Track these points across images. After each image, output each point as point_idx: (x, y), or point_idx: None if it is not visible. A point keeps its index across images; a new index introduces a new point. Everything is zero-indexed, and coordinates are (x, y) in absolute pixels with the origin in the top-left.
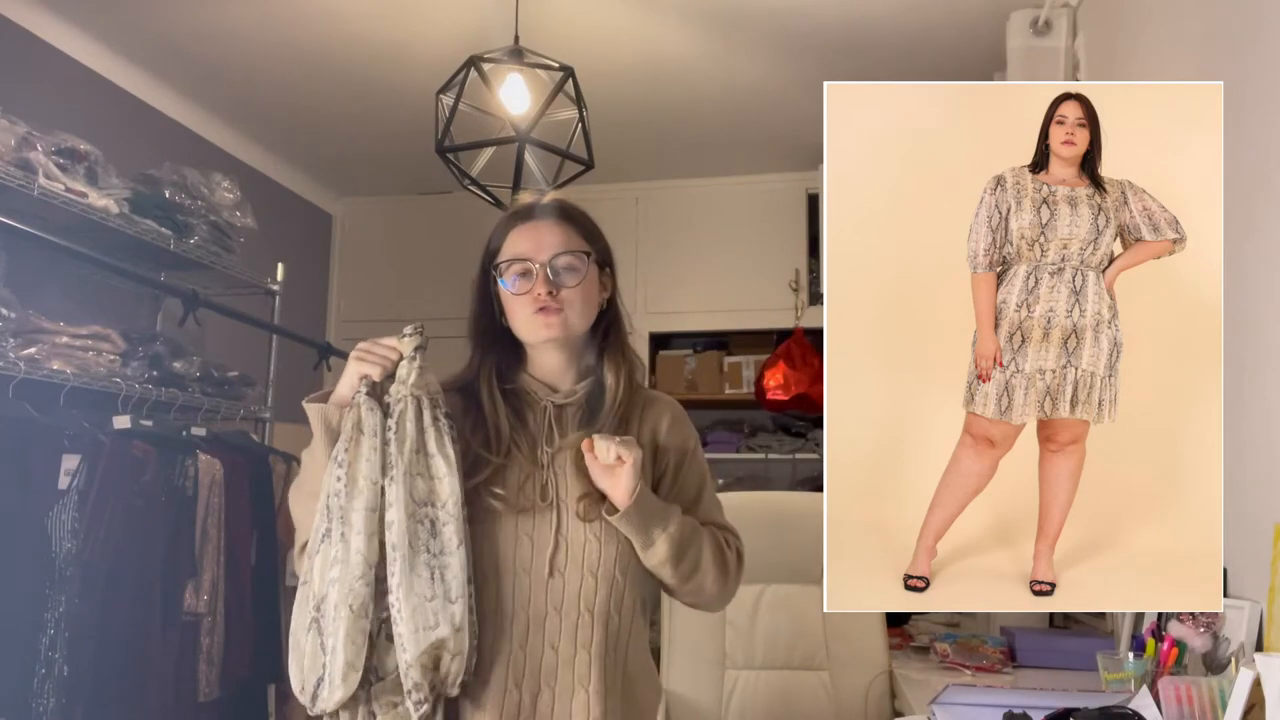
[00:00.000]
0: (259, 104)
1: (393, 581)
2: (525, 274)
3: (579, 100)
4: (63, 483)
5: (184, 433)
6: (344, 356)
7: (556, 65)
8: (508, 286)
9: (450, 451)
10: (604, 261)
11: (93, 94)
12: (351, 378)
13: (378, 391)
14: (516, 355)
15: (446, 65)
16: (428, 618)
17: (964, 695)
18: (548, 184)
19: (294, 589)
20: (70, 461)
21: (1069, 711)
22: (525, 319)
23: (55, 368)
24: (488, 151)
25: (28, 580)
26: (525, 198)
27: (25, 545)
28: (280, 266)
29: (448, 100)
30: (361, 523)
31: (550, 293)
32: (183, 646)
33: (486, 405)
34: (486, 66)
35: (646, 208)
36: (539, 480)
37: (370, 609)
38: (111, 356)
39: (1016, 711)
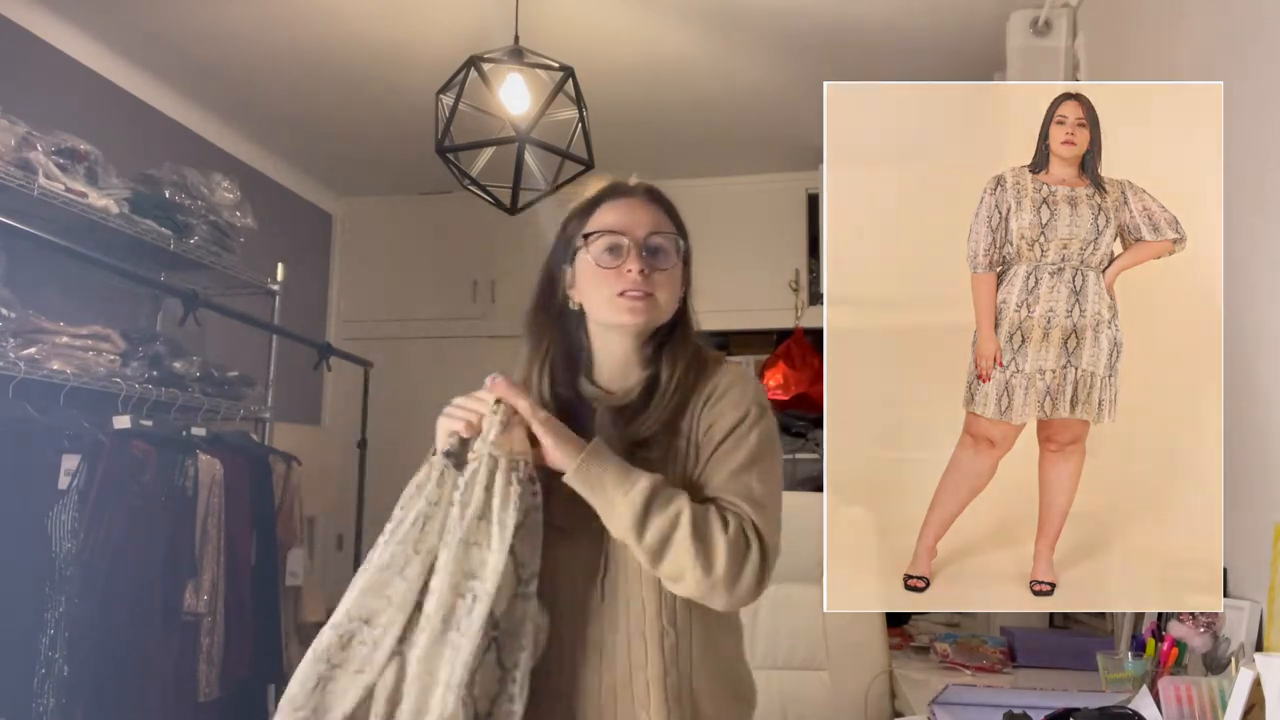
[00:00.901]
0: (259, 104)
1: (412, 654)
2: (615, 249)
3: (579, 100)
4: (63, 483)
5: (184, 433)
6: (344, 356)
7: (556, 65)
8: (594, 260)
9: (510, 519)
10: (687, 257)
11: (93, 94)
12: (440, 439)
13: (463, 452)
14: (576, 350)
15: (446, 65)
16: (430, 702)
17: (964, 695)
18: (548, 184)
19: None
20: (70, 461)
21: (1069, 711)
22: (606, 299)
23: (55, 368)
24: (488, 151)
25: (28, 580)
26: (611, 178)
27: (25, 545)
28: (280, 266)
29: (448, 100)
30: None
31: (642, 271)
32: (183, 646)
33: None
34: (486, 66)
35: None
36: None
37: (331, 656)
38: (111, 356)
39: (1016, 711)
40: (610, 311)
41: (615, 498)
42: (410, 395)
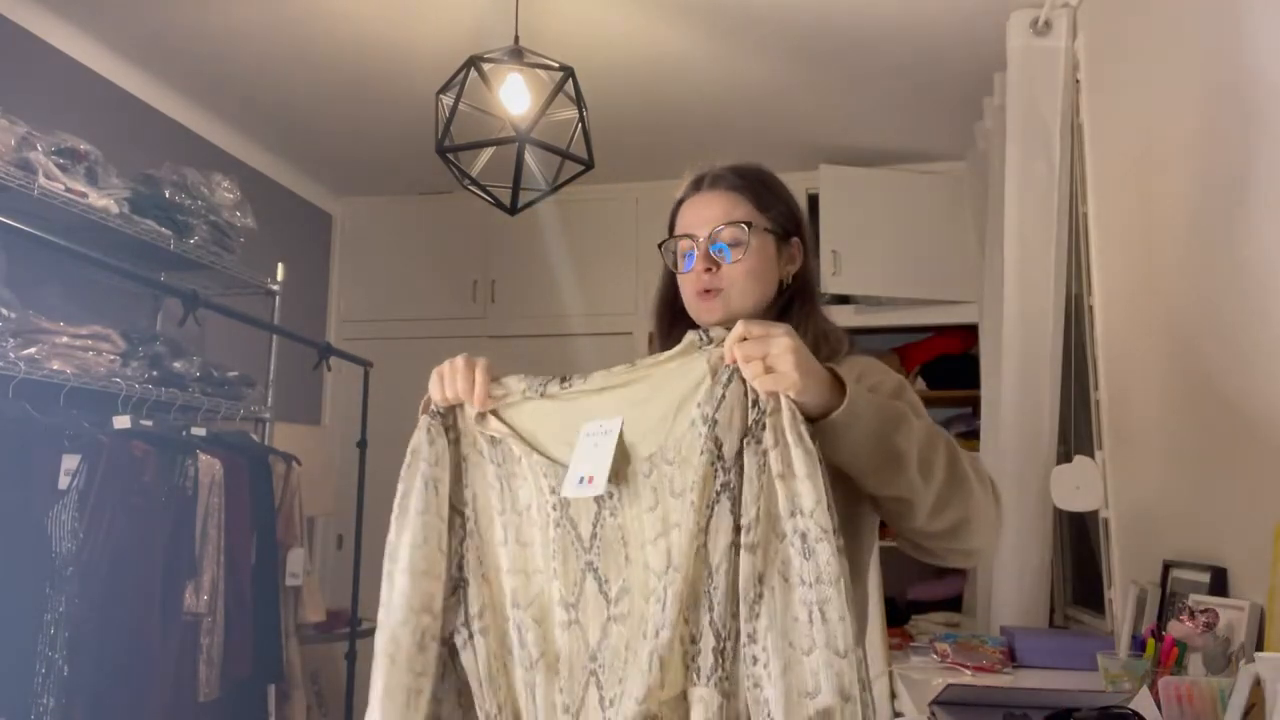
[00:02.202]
0: (259, 104)
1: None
2: (687, 252)
3: (579, 100)
4: (63, 483)
5: (184, 433)
6: (344, 356)
7: (556, 65)
8: (671, 266)
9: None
10: (785, 229)
11: (93, 94)
12: (434, 395)
13: (449, 415)
14: None
15: (446, 65)
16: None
17: (964, 695)
18: (548, 184)
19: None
20: (70, 461)
21: (1069, 711)
22: (690, 300)
23: (55, 368)
24: (488, 151)
25: (28, 580)
26: (694, 172)
27: (25, 545)
28: (280, 266)
29: (448, 100)
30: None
31: (708, 269)
32: (183, 646)
33: None
34: (486, 67)
35: (646, 208)
36: None
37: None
38: (111, 356)
39: (1016, 712)
40: (693, 311)
41: (897, 424)
42: (410, 395)
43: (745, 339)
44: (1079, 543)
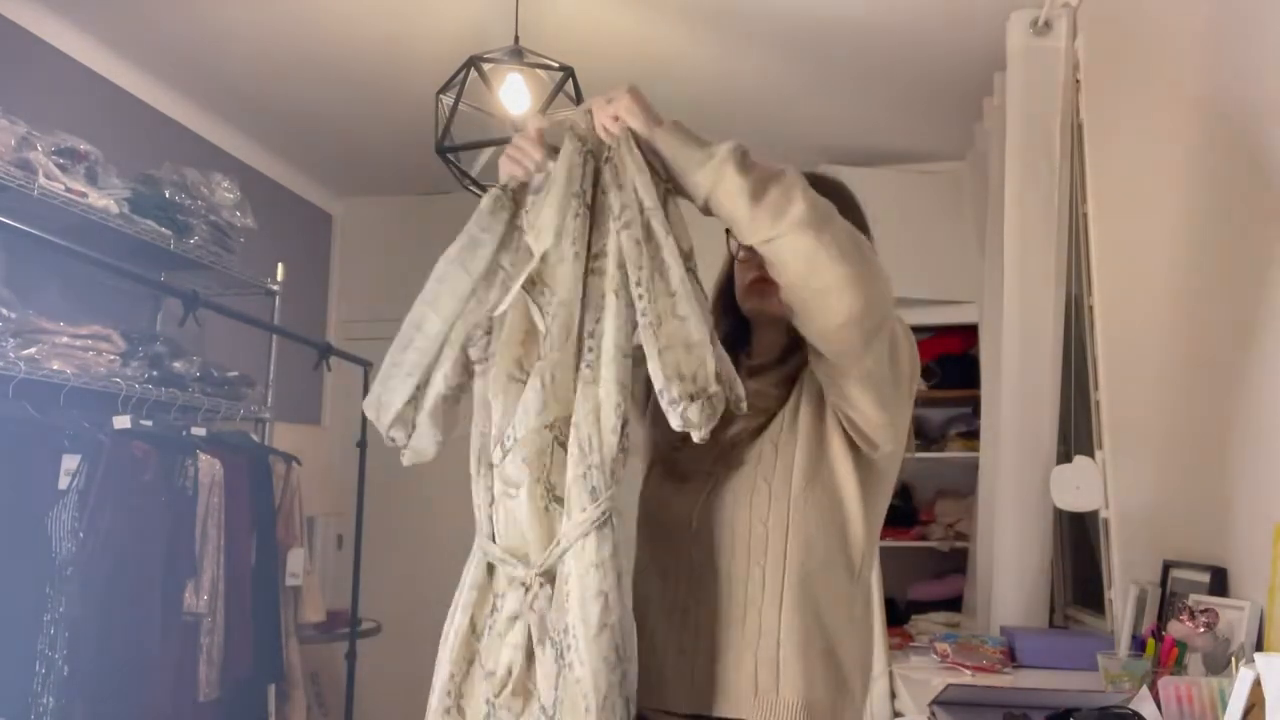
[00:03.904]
0: (259, 104)
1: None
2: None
3: (579, 100)
4: (63, 483)
5: (184, 433)
6: (344, 356)
7: (556, 65)
8: (732, 252)
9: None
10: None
11: (93, 94)
12: (502, 176)
13: (522, 192)
14: (737, 336)
15: (446, 65)
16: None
17: (964, 695)
18: None
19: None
20: (70, 461)
21: (1069, 711)
22: (742, 288)
23: (55, 368)
24: (488, 151)
25: (28, 580)
26: None
27: (25, 545)
28: (280, 266)
29: (448, 100)
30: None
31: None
32: (183, 646)
33: None
34: (486, 66)
35: None
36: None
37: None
38: (111, 356)
39: (1016, 712)
40: (743, 298)
41: (712, 148)
42: None
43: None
44: (1079, 543)
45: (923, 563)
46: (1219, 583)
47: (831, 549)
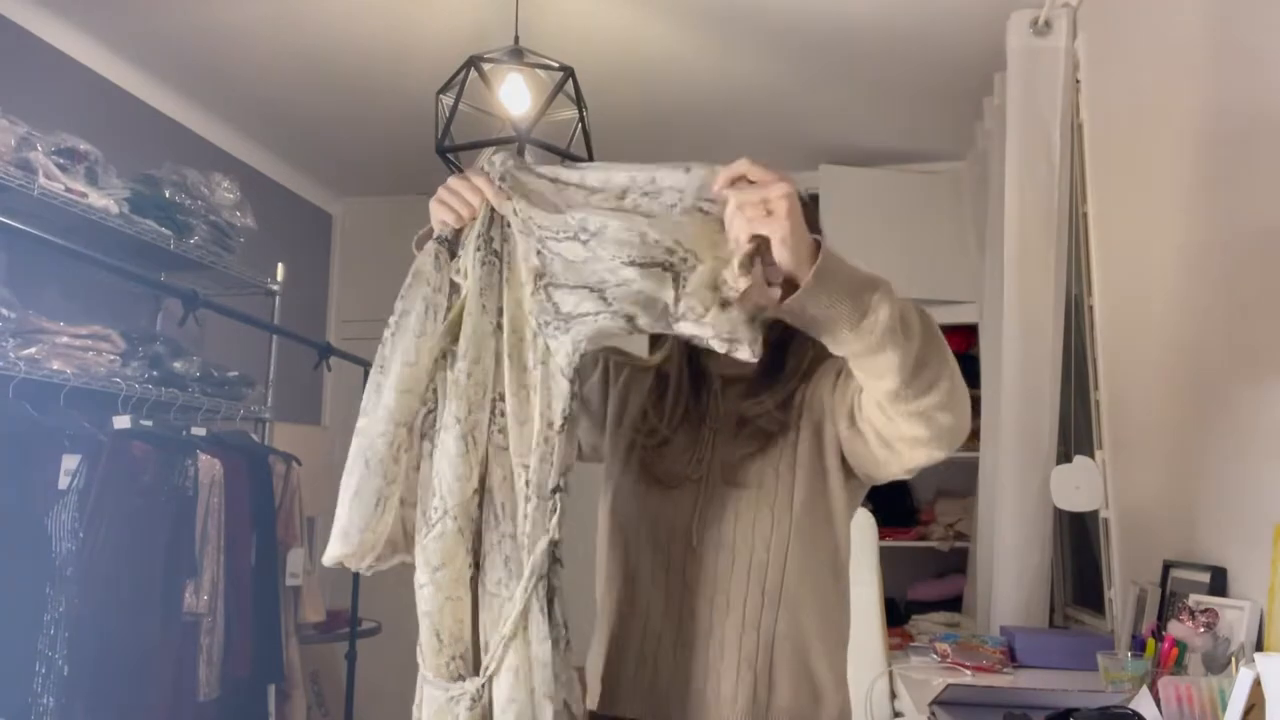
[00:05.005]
0: (259, 104)
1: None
2: None
3: (579, 100)
4: (63, 483)
5: (184, 433)
6: (344, 356)
7: (556, 65)
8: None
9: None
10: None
11: (93, 94)
12: (434, 224)
13: (456, 239)
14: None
15: (446, 65)
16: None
17: (964, 695)
18: None
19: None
20: (70, 461)
21: (1069, 711)
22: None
23: (55, 368)
24: (488, 151)
25: (28, 580)
26: None
27: (25, 545)
28: (280, 266)
29: (448, 100)
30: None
31: None
32: (183, 646)
33: (672, 382)
34: (486, 66)
35: None
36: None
37: (386, 471)
38: (111, 356)
39: (1016, 711)
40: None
41: (869, 298)
42: None
43: (745, 178)
44: (1079, 543)
45: (923, 563)
46: (1219, 583)
47: (823, 570)
